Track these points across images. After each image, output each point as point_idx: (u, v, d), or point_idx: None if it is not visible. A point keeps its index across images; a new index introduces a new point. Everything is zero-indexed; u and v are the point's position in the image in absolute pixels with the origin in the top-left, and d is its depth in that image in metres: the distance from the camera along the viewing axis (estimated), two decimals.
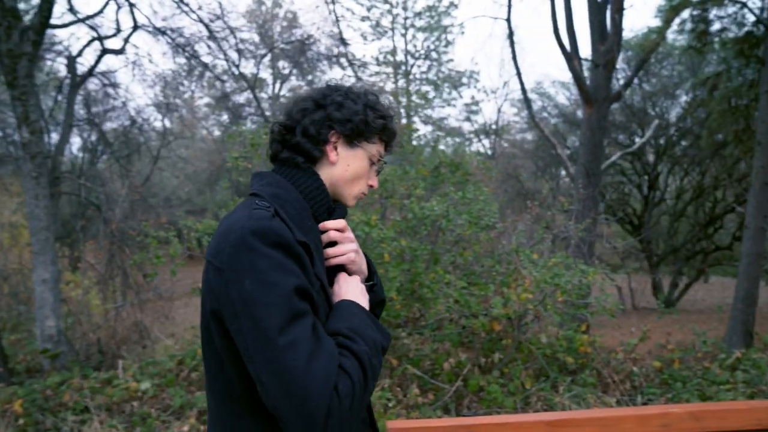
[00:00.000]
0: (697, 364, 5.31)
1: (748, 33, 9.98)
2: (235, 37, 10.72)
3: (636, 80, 14.66)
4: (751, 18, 10.14)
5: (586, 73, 9.87)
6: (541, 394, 4.30)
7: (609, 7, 9.46)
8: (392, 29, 21.06)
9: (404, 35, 21.03)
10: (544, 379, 4.54)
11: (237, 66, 13.83)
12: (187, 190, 19.06)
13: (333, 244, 1.25)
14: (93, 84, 10.41)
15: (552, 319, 4.72)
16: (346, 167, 1.24)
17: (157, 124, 16.31)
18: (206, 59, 11.14)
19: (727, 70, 11.11)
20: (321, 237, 1.21)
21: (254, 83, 15.35)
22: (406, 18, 20.76)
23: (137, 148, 13.15)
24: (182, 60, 11.10)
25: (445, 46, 21.06)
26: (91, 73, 8.96)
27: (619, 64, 13.72)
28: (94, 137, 13.17)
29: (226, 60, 10.39)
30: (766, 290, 18.83)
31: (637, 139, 14.91)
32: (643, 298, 15.94)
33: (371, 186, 1.31)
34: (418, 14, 20.47)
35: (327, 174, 1.24)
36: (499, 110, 28.39)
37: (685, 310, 15.34)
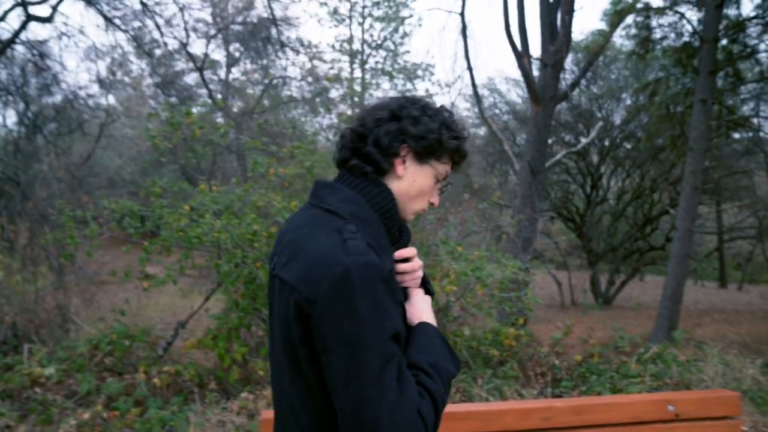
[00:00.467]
0: (616, 358, 5.50)
1: (685, 43, 10.36)
2: (183, 15, 10.33)
3: (584, 82, 15.02)
4: (689, 29, 10.54)
5: (535, 72, 10.00)
6: (460, 385, 4.33)
7: (560, 8, 9.60)
8: (350, 17, 20.85)
9: (362, 24, 20.86)
10: (466, 370, 4.58)
11: (185, 45, 13.35)
12: (130, 171, 18.38)
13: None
14: (21, 54, 9.78)
15: (486, 312, 4.77)
16: (412, 182, 1.23)
17: (101, 101, 15.62)
18: (149, 37, 10.68)
19: (667, 77, 11.52)
20: (396, 266, 1.23)
21: (203, 64, 14.89)
22: (364, 7, 20.58)
23: (76, 125, 12.51)
24: (121, 35, 10.61)
25: (402, 37, 21.02)
26: (13, 40, 8.38)
27: (568, 65, 14.00)
28: (30, 112, 12.45)
29: (161, 35, 9.97)
30: (694, 289, 19.89)
31: (582, 139, 15.30)
32: (583, 293, 16.48)
33: (432, 204, 1.31)
34: (377, 3, 20.33)
35: (392, 187, 1.23)
36: (452, 104, 28.57)
37: (620, 307, 15.96)
